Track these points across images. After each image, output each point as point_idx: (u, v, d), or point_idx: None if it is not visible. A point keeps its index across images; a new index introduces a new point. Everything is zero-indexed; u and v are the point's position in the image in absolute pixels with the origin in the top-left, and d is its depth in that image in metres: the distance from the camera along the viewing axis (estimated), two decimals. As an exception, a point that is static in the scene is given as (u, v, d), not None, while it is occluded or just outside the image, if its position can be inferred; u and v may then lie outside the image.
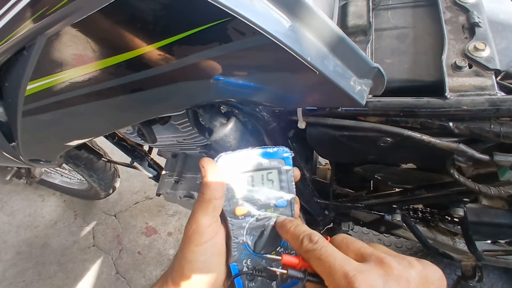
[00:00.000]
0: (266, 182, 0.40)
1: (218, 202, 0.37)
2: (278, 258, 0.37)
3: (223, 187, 0.37)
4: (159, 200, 1.80)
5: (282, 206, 0.40)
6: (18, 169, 1.37)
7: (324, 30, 0.38)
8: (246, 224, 0.39)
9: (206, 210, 0.36)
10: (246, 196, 0.39)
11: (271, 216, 0.40)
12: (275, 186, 0.40)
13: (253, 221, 0.39)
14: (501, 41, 0.54)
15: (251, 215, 0.39)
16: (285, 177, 0.40)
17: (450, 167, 0.55)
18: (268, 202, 0.40)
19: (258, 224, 0.40)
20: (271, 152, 0.40)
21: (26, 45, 0.39)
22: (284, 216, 0.40)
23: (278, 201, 0.40)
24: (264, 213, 0.40)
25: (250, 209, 0.39)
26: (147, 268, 1.60)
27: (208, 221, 0.36)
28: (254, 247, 0.39)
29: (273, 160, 0.40)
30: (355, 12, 0.62)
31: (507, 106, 0.45)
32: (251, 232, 0.39)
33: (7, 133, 0.56)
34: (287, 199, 0.40)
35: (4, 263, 1.68)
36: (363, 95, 0.44)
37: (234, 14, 0.33)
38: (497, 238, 1.01)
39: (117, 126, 0.57)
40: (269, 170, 0.40)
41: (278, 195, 0.40)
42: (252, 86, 0.43)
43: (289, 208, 0.40)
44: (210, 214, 0.36)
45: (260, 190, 0.40)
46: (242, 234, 0.39)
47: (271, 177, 0.40)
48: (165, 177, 0.99)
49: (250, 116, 0.56)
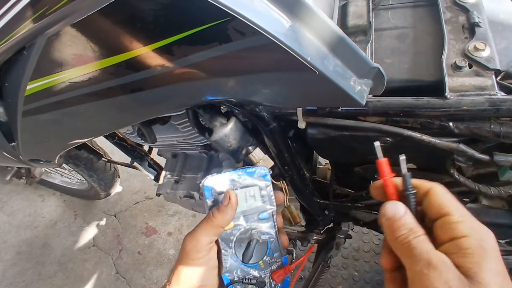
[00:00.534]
0: (248, 198, 0.44)
1: (222, 230, 0.41)
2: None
3: (231, 220, 0.42)
4: (159, 200, 1.80)
5: (264, 218, 0.45)
6: (18, 169, 1.37)
7: (324, 30, 0.38)
8: (233, 237, 0.43)
9: (209, 232, 0.40)
10: None
11: (256, 228, 0.44)
12: (257, 201, 0.45)
13: (239, 234, 0.43)
14: (501, 41, 0.54)
15: (237, 228, 0.44)
16: (265, 192, 0.45)
17: (450, 167, 0.55)
18: (252, 216, 0.44)
19: (245, 236, 0.44)
20: (250, 172, 0.45)
21: (26, 45, 0.39)
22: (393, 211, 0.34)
23: (261, 215, 0.45)
24: (249, 226, 0.44)
25: (236, 222, 0.44)
26: (147, 268, 1.60)
27: (207, 241, 0.40)
28: (242, 258, 0.43)
29: (253, 178, 0.45)
30: (355, 12, 0.62)
31: (507, 106, 0.45)
32: (239, 244, 0.44)
33: (7, 133, 0.56)
34: (269, 212, 0.45)
35: (4, 263, 1.68)
36: (363, 95, 0.43)
37: (234, 14, 0.33)
38: (497, 238, 1.01)
39: (117, 126, 0.57)
40: (250, 187, 0.45)
41: (260, 209, 0.45)
42: (252, 86, 0.43)
43: (271, 220, 0.45)
44: (211, 236, 0.41)
45: (244, 206, 0.44)
46: (231, 246, 0.43)
47: (253, 193, 0.45)
48: (165, 177, 0.99)
49: (250, 116, 0.56)
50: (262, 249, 0.44)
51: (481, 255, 0.27)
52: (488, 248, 0.28)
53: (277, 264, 0.45)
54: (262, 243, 0.44)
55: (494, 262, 0.27)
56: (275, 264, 0.45)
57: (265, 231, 0.44)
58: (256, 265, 0.44)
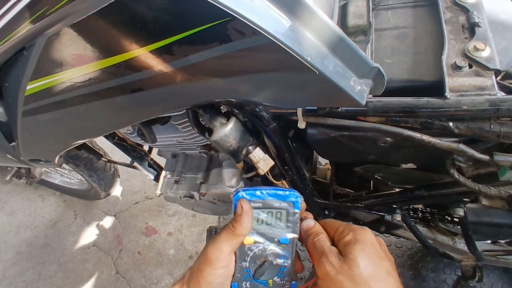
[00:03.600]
0: (274, 219, 0.45)
1: (243, 238, 0.43)
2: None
3: (251, 227, 0.43)
4: (159, 200, 1.80)
5: (284, 243, 0.45)
6: (18, 169, 1.37)
7: (324, 30, 0.38)
8: (251, 252, 0.44)
9: (231, 242, 0.42)
10: (255, 229, 0.45)
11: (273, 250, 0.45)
12: (282, 225, 0.45)
13: (257, 251, 0.45)
14: (501, 41, 0.54)
15: (256, 245, 0.45)
16: (292, 218, 0.45)
17: (450, 167, 0.55)
18: (273, 237, 0.45)
19: (261, 255, 0.45)
20: (283, 195, 0.45)
21: (26, 45, 0.39)
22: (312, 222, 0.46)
23: (282, 238, 0.45)
24: (268, 246, 0.45)
25: (256, 240, 0.45)
26: (147, 268, 1.60)
27: (230, 250, 0.43)
28: (254, 273, 0.44)
29: (284, 202, 0.45)
30: (355, 12, 0.62)
31: (507, 106, 0.45)
32: (253, 260, 0.44)
33: (7, 133, 0.56)
34: (290, 238, 0.45)
35: (4, 263, 1.68)
36: (363, 95, 0.43)
37: (234, 14, 0.33)
38: (497, 238, 1.01)
39: (117, 126, 0.57)
40: (279, 210, 0.45)
41: (283, 234, 0.45)
42: (252, 86, 0.43)
43: (290, 246, 0.45)
44: (233, 246, 0.43)
45: (268, 226, 0.45)
46: (246, 260, 0.44)
47: (280, 216, 0.45)
48: (165, 177, 0.99)
49: (250, 116, 0.56)
50: (275, 270, 0.45)
51: (353, 243, 0.39)
52: (359, 238, 0.40)
53: (285, 287, 0.46)
54: (276, 265, 0.45)
55: (363, 246, 0.39)
56: (284, 286, 0.45)
57: (282, 254, 0.45)
58: (265, 282, 0.45)
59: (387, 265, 0.39)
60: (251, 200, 0.44)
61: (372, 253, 0.39)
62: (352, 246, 0.39)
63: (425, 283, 1.27)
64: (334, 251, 0.40)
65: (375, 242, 0.41)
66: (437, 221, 0.89)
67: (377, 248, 0.40)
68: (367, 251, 0.39)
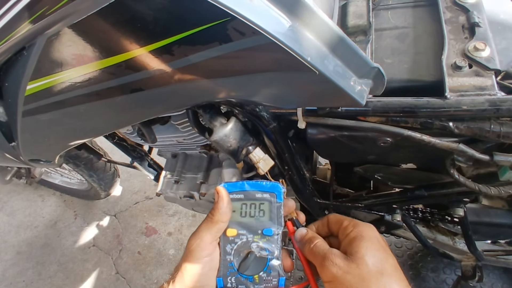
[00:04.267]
0: (257, 211, 0.45)
1: (223, 225, 0.43)
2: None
3: (230, 214, 0.44)
4: (159, 200, 1.80)
5: (268, 234, 0.45)
6: (18, 169, 1.37)
7: (324, 30, 0.38)
8: (234, 245, 0.44)
9: (211, 230, 0.42)
10: (238, 221, 0.45)
11: (257, 242, 0.45)
12: (265, 216, 0.45)
13: (241, 243, 0.44)
14: (501, 41, 0.54)
15: (240, 237, 0.44)
16: (274, 210, 0.45)
17: (450, 167, 0.55)
18: (256, 229, 0.45)
19: (245, 247, 0.44)
20: (264, 185, 0.45)
21: (26, 45, 0.39)
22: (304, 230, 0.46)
23: (265, 230, 0.45)
24: (251, 238, 0.45)
25: (240, 232, 0.44)
26: (147, 268, 1.60)
27: (210, 239, 0.42)
28: (239, 267, 0.44)
29: (266, 193, 0.45)
30: (355, 12, 0.62)
31: (507, 106, 0.45)
32: (238, 253, 0.44)
33: (7, 133, 0.56)
34: (274, 230, 0.45)
35: (4, 263, 1.68)
36: (363, 95, 0.43)
37: (234, 14, 0.33)
38: (497, 238, 1.01)
39: (117, 126, 0.57)
40: (262, 201, 0.45)
41: (266, 225, 0.45)
42: (252, 86, 0.43)
43: (275, 238, 0.45)
44: (213, 234, 0.42)
45: (251, 218, 0.45)
46: (230, 253, 0.44)
47: (263, 207, 0.45)
48: (165, 177, 0.99)
49: (250, 116, 0.56)
50: (260, 264, 0.44)
51: (359, 240, 0.39)
52: (365, 235, 0.40)
53: (272, 283, 0.44)
54: (261, 258, 0.44)
55: (370, 243, 0.39)
56: (271, 283, 0.44)
57: (266, 247, 0.44)
58: (251, 278, 0.44)
59: (393, 261, 0.39)
60: (232, 191, 0.45)
61: (379, 249, 0.39)
62: (358, 243, 0.39)
63: (425, 283, 1.27)
64: (336, 252, 0.40)
65: (380, 238, 0.41)
66: (437, 221, 0.89)
67: (382, 244, 0.40)
68: (374, 247, 0.39)
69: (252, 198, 0.45)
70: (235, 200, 0.45)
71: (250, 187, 0.45)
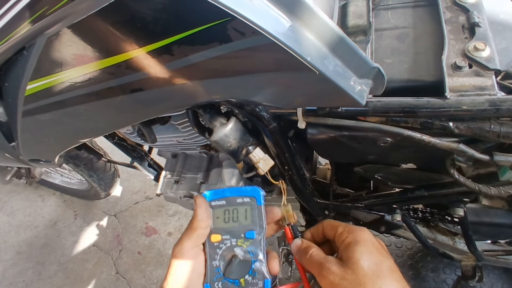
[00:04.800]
0: (239, 215, 0.46)
1: (203, 232, 0.44)
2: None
3: (208, 220, 0.45)
4: (159, 200, 1.80)
5: (251, 237, 0.45)
6: (18, 169, 1.37)
7: (324, 30, 0.38)
8: (219, 250, 0.45)
9: (190, 236, 0.43)
10: (222, 227, 0.46)
11: (241, 246, 0.45)
12: (248, 220, 0.46)
13: (225, 248, 0.45)
14: (501, 41, 0.54)
15: (224, 242, 0.45)
16: (255, 213, 0.46)
17: (450, 167, 0.55)
18: (239, 233, 0.46)
19: (229, 251, 0.45)
20: (244, 190, 0.46)
21: (26, 45, 0.39)
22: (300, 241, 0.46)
23: (247, 233, 0.46)
24: (235, 242, 0.45)
25: (224, 237, 0.45)
26: (147, 268, 1.60)
27: (191, 245, 0.43)
28: (224, 271, 0.45)
29: (246, 197, 0.46)
30: (355, 12, 0.62)
31: (507, 106, 0.45)
32: (223, 258, 0.45)
33: (7, 133, 0.56)
34: (256, 232, 0.46)
35: (4, 263, 1.68)
36: (363, 95, 0.43)
37: (234, 14, 0.33)
38: (497, 238, 1.01)
39: (117, 126, 0.57)
40: (243, 206, 0.46)
41: (248, 228, 0.46)
42: (252, 86, 0.43)
43: (258, 241, 0.46)
44: (193, 240, 0.44)
45: (234, 223, 0.46)
46: (216, 258, 0.45)
47: (244, 212, 0.46)
48: (165, 177, 0.99)
49: (250, 116, 0.56)
50: (245, 268, 0.45)
51: (354, 245, 0.39)
52: (359, 239, 0.40)
53: (258, 286, 0.45)
54: (245, 261, 0.45)
55: (364, 247, 0.39)
56: (257, 285, 0.45)
57: (250, 250, 0.45)
58: (237, 281, 0.45)
59: (389, 262, 0.40)
60: (214, 198, 0.46)
61: (373, 252, 0.39)
62: (353, 248, 0.39)
63: (425, 283, 1.27)
64: (331, 260, 0.40)
65: (375, 241, 0.41)
66: (437, 221, 0.89)
67: (377, 247, 0.41)
68: (368, 251, 0.39)
69: (233, 203, 0.46)
70: (217, 207, 0.46)
71: (230, 193, 0.46)
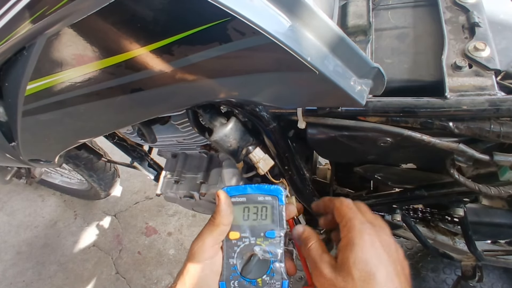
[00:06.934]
0: (259, 214, 0.45)
1: (225, 228, 0.43)
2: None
3: (231, 217, 0.44)
4: (159, 200, 1.80)
5: (271, 237, 0.45)
6: (18, 169, 1.37)
7: (324, 30, 0.38)
8: (237, 248, 0.44)
9: (213, 233, 0.42)
10: (241, 224, 0.45)
11: (260, 245, 0.44)
12: (268, 219, 0.45)
13: (243, 246, 0.44)
14: (501, 41, 0.54)
15: (242, 240, 0.44)
16: (277, 212, 0.45)
17: (450, 167, 0.55)
18: (259, 232, 0.45)
19: (248, 250, 0.44)
20: (266, 188, 0.46)
21: (26, 45, 0.39)
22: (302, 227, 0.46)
23: (268, 232, 0.45)
24: (254, 241, 0.45)
25: (243, 235, 0.45)
26: (147, 268, 1.60)
27: (212, 242, 0.42)
28: (242, 270, 0.44)
29: (267, 196, 0.45)
30: (355, 12, 0.62)
31: (507, 106, 0.45)
32: (240, 256, 0.44)
33: (7, 133, 0.56)
34: (276, 232, 0.45)
35: (4, 263, 1.68)
36: (363, 95, 0.43)
37: (234, 14, 0.33)
38: (497, 238, 1.01)
39: (117, 126, 0.57)
40: (264, 204, 0.45)
41: (268, 227, 0.45)
42: (252, 86, 0.43)
43: (278, 241, 0.45)
44: (215, 236, 0.43)
45: (254, 221, 0.45)
46: (233, 256, 0.44)
47: (265, 210, 0.45)
48: (165, 177, 0.99)
49: (250, 116, 0.56)
50: (263, 268, 0.44)
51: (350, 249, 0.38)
52: (356, 242, 0.38)
53: (275, 287, 0.44)
54: (264, 261, 0.44)
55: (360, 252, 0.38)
56: (274, 286, 0.44)
57: (269, 250, 0.44)
58: (254, 281, 0.44)
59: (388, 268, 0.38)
60: (234, 195, 0.45)
61: (370, 259, 0.38)
62: (348, 252, 0.38)
63: (425, 283, 1.27)
64: (325, 261, 0.40)
65: (376, 241, 0.39)
66: (437, 221, 0.89)
67: (377, 251, 0.38)
68: (364, 258, 0.37)
69: (254, 201, 0.45)
70: (237, 203, 0.45)
71: (251, 190, 0.46)
